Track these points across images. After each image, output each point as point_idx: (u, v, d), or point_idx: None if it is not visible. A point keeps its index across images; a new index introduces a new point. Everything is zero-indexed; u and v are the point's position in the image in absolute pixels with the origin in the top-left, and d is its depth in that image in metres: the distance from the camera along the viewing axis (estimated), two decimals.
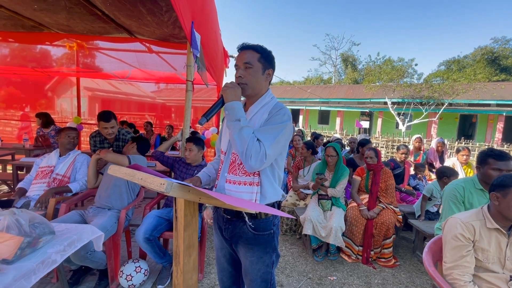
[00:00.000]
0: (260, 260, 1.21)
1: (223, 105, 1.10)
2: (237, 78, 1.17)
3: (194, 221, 0.95)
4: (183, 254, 0.92)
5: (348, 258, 2.69)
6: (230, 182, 1.16)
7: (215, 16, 3.61)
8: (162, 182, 0.70)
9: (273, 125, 1.11)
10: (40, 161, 2.40)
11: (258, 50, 1.17)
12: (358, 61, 29.22)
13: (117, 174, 0.89)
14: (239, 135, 1.05)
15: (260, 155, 1.03)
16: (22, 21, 3.71)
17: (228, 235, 1.23)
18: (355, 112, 18.02)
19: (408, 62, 15.40)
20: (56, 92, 7.09)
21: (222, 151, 1.27)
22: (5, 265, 1.13)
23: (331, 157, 2.88)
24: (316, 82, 31.16)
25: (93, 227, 1.61)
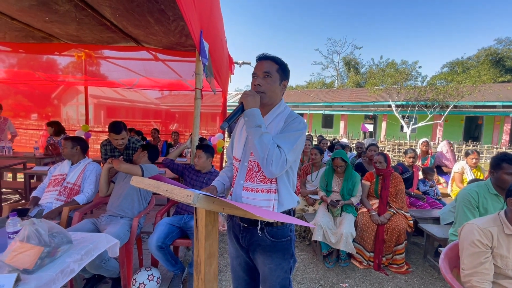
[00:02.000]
0: (278, 267, 1.22)
1: (243, 111, 1.13)
2: (255, 86, 1.19)
3: (214, 231, 0.95)
4: (204, 263, 0.92)
5: (360, 264, 2.66)
6: (248, 189, 1.18)
7: (222, 23, 3.67)
8: (189, 194, 0.71)
9: (291, 132, 1.15)
10: (53, 170, 2.43)
11: (278, 62, 1.21)
12: (360, 65, 29.29)
13: (141, 186, 0.90)
14: (259, 141, 1.07)
15: (281, 161, 1.06)
16: (33, 32, 3.80)
17: (246, 243, 1.24)
18: (359, 116, 17.99)
19: (412, 64, 15.39)
20: (62, 100, 7.20)
21: (236, 158, 1.27)
22: (26, 275, 1.15)
23: (340, 167, 2.86)
24: (318, 86, 31.23)
25: (108, 235, 1.62)
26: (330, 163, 2.94)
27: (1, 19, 3.38)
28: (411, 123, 14.30)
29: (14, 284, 1.06)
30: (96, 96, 7.29)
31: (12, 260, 1.16)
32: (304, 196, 3.38)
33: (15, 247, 1.18)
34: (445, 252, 1.55)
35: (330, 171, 2.95)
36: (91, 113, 7.37)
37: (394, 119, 15.77)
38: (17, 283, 1.08)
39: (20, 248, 1.18)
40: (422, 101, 14.09)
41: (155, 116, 8.14)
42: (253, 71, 1.22)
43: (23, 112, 6.42)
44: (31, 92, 6.11)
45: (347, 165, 2.86)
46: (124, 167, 2.08)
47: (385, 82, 15.20)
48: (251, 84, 1.24)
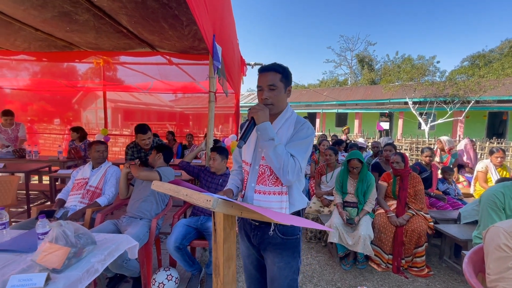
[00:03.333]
0: (287, 266, 1.25)
1: (255, 125, 1.17)
2: (263, 99, 1.23)
3: (232, 234, 0.97)
4: (222, 266, 0.94)
5: (378, 267, 2.61)
6: (260, 192, 1.22)
7: (233, 26, 3.70)
8: (209, 198, 0.73)
9: (301, 140, 1.21)
10: (76, 174, 2.55)
11: (279, 71, 1.24)
12: (375, 61, 28.57)
13: (161, 190, 0.93)
14: (274, 153, 1.12)
15: (297, 169, 1.14)
16: (55, 41, 3.99)
17: (257, 242, 1.28)
18: (374, 114, 17.57)
19: (429, 59, 14.82)
20: (82, 105, 7.50)
21: (247, 162, 1.30)
22: (55, 274, 1.21)
23: (356, 168, 2.79)
24: (331, 84, 30.75)
25: (129, 237, 1.68)
26: (345, 164, 2.89)
27: (26, 30, 3.58)
28: (429, 120, 13.80)
29: (44, 282, 1.13)
30: (114, 100, 7.54)
31: (43, 260, 1.23)
32: (319, 197, 3.35)
33: (45, 248, 1.25)
34: (469, 256, 1.50)
35: (345, 172, 2.89)
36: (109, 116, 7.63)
37: (411, 117, 15.28)
38: (47, 282, 1.14)
39: (49, 249, 1.25)
40: (441, 97, 13.57)
41: (170, 119, 8.30)
42: (258, 84, 1.26)
43: (46, 117, 6.72)
44: (53, 98, 6.40)
45: (362, 166, 2.81)
46: (142, 175, 2.15)
47: (401, 79, 14.74)
48: (257, 97, 1.27)
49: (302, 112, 17.97)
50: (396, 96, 15.55)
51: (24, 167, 3.49)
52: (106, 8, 2.99)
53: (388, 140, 4.61)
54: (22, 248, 1.42)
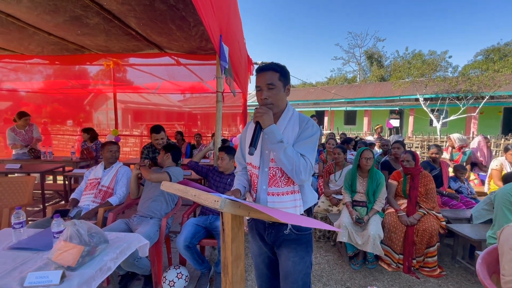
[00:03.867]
0: (302, 260, 1.27)
1: (262, 130, 1.18)
2: (263, 99, 1.23)
3: (240, 234, 0.98)
4: (231, 265, 0.95)
5: (388, 266, 2.58)
6: (273, 194, 1.24)
7: (240, 25, 3.71)
8: (216, 199, 0.74)
9: (308, 138, 1.22)
10: (88, 174, 2.62)
11: (277, 70, 1.23)
12: (384, 57, 28.05)
13: (170, 190, 0.95)
14: (285, 155, 1.13)
15: (308, 168, 1.16)
16: (67, 45, 4.10)
17: (271, 240, 1.29)
18: (383, 111, 17.26)
19: (441, 54, 14.42)
20: (94, 106, 7.66)
21: (254, 165, 1.30)
22: (70, 272, 1.25)
23: (369, 159, 2.73)
24: (340, 81, 30.39)
25: (140, 235, 1.72)
26: (356, 160, 2.84)
27: (39, 35, 3.69)
28: (441, 116, 13.47)
29: (60, 280, 1.17)
30: (124, 101, 7.66)
31: (58, 257, 1.27)
32: (327, 196, 3.32)
33: (60, 246, 1.29)
34: (483, 256, 1.46)
35: (355, 170, 2.86)
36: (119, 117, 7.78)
37: (422, 114, 14.94)
38: (63, 279, 1.18)
39: (64, 247, 1.29)
40: (454, 93, 13.21)
41: (179, 119, 8.37)
42: (256, 84, 1.26)
43: (59, 118, 6.90)
44: (66, 99, 6.56)
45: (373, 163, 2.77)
46: (153, 177, 2.19)
47: (412, 75, 14.42)
48: (257, 98, 1.27)
49: (310, 111, 17.84)
50: (406, 93, 15.24)
51: (39, 168, 3.61)
52: (116, 11, 3.05)
53: (399, 138, 4.53)
54: (39, 246, 1.47)
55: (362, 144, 4.16)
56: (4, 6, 2.92)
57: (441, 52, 14.47)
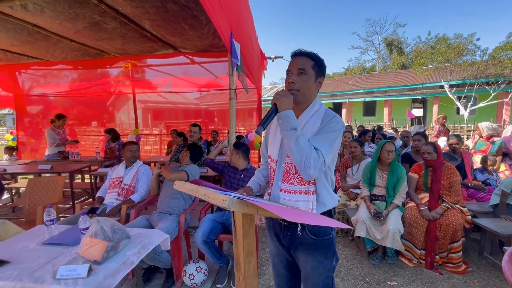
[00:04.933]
0: (321, 265, 1.21)
1: (277, 113, 1.11)
2: (290, 83, 1.16)
3: (251, 230, 1.00)
4: (243, 261, 0.98)
5: (409, 262, 2.51)
6: (285, 191, 1.18)
7: (251, 20, 3.69)
8: (224, 198, 0.76)
9: (328, 133, 1.11)
10: (111, 173, 2.76)
11: (313, 58, 1.16)
12: (405, 44, 26.70)
13: (182, 189, 0.99)
14: (296, 144, 1.04)
15: (320, 164, 1.04)
16: (88, 50, 4.30)
17: (287, 242, 1.24)
18: (405, 100, 16.51)
19: (468, 37, 13.47)
20: (116, 107, 7.98)
21: (273, 159, 1.26)
22: (96, 265, 1.34)
23: (391, 152, 2.63)
24: (358, 71, 29.39)
25: (160, 231, 1.80)
26: (376, 152, 2.74)
27: (63, 42, 3.90)
28: (469, 104, 12.67)
29: (87, 273, 1.26)
30: (143, 101, 7.91)
31: (85, 252, 1.37)
32: (345, 191, 3.27)
33: (86, 242, 1.39)
34: (510, 253, 1.39)
35: (375, 163, 2.77)
36: (140, 117, 8.06)
37: (448, 101, 14.13)
38: (90, 272, 1.27)
39: (90, 243, 1.38)
40: (483, 78, 12.36)
41: (196, 116, 8.50)
42: (287, 68, 1.18)
43: (85, 120, 7.27)
44: (90, 102, 6.89)
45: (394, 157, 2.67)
46: (173, 177, 2.27)
47: (435, 61, 13.65)
48: (285, 82, 1.20)
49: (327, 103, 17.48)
50: (430, 80, 14.47)
51: (67, 168, 3.86)
52: (131, 15, 3.15)
53: (419, 129, 4.34)
54: (68, 242, 1.59)
55: (381, 136, 4.02)
56: (30, 17, 3.10)
57: (468, 35, 13.53)
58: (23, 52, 4.37)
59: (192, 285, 2.13)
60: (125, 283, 2.22)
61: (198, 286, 2.15)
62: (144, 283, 2.19)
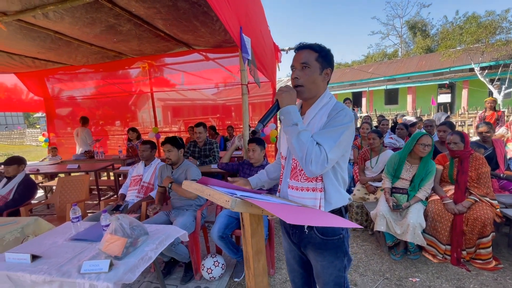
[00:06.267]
0: (331, 265, 1.18)
1: (279, 109, 1.08)
2: (293, 79, 1.13)
3: (260, 229, 1.00)
4: (252, 259, 0.98)
5: (433, 258, 2.40)
6: (293, 188, 1.16)
7: (262, 13, 3.63)
8: (227, 199, 0.76)
9: (333, 127, 1.05)
10: (132, 171, 2.88)
11: (316, 49, 1.11)
12: (429, 26, 25.08)
13: (190, 189, 1.01)
14: (297, 140, 1.01)
15: (321, 160, 0.99)
16: (107, 53, 4.47)
17: (296, 240, 1.23)
18: (430, 86, 15.59)
19: (501, 14, 12.37)
20: (138, 106, 8.26)
21: (282, 156, 1.26)
22: (117, 261, 1.42)
23: (427, 146, 2.41)
24: (379, 58, 28.11)
25: (176, 227, 1.86)
26: (409, 146, 2.54)
27: (83, 46, 4.07)
28: (503, 87, 11.72)
29: (109, 268, 1.33)
30: (163, 99, 8.10)
31: (106, 248, 1.44)
32: (363, 184, 3.18)
33: (107, 238, 1.46)
34: None
35: (405, 155, 2.57)
36: (161, 115, 8.29)
37: (478, 85, 13.16)
38: (111, 267, 1.35)
39: (111, 239, 1.46)
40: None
41: (213, 112, 8.57)
42: (291, 63, 1.15)
43: (110, 119, 7.61)
44: (113, 102, 7.18)
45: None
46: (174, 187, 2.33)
47: (464, 42, 12.74)
48: (290, 78, 1.17)
49: (346, 93, 16.96)
50: (458, 63, 13.55)
51: (93, 167, 4.08)
52: (144, 16, 3.21)
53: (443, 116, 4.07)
54: (92, 238, 1.69)
55: (403, 126, 3.83)
56: (52, 25, 3.27)
57: (501, 12, 12.41)
58: (49, 58, 4.63)
59: (210, 279, 2.19)
60: (147, 276, 2.33)
61: (216, 280, 2.21)
62: (164, 276, 2.29)
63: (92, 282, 1.28)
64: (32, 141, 17.96)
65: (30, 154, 12.88)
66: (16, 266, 1.42)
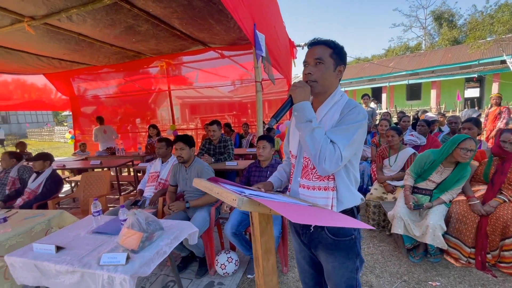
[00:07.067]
0: (343, 266, 1.16)
1: (292, 105, 1.07)
2: (306, 75, 1.11)
3: (269, 228, 1.00)
4: (261, 258, 0.98)
5: (456, 261, 2.28)
6: (304, 187, 1.14)
7: (276, 9, 3.59)
8: (234, 198, 0.76)
9: (347, 125, 1.04)
10: (150, 167, 2.97)
11: (331, 45, 1.09)
12: (457, 16, 23.63)
13: (199, 187, 1.02)
14: (311, 137, 0.99)
15: (335, 158, 0.97)
16: (127, 53, 4.62)
17: (307, 240, 1.21)
18: (457, 80, 14.72)
19: None
20: (157, 104, 8.50)
21: (292, 154, 1.24)
22: (133, 254, 1.47)
23: (470, 151, 2.16)
24: (400, 51, 26.93)
25: (191, 223, 1.90)
26: (447, 149, 2.30)
27: (105, 47, 4.24)
28: None
29: (125, 261, 1.39)
30: (181, 97, 8.26)
31: (123, 242, 1.50)
32: (381, 183, 3.07)
33: (124, 232, 1.52)
34: None
35: (441, 159, 2.32)
36: (179, 112, 8.46)
37: (511, 78, 12.27)
38: (128, 260, 1.40)
39: (128, 233, 1.51)
40: None
41: (230, 109, 8.62)
42: (304, 59, 1.13)
43: (132, 117, 7.88)
44: (134, 100, 7.44)
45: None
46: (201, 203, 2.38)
47: (495, 32, 11.90)
48: (302, 74, 1.15)
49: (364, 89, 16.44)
50: (488, 55, 12.70)
51: (114, 163, 4.26)
52: (161, 15, 3.29)
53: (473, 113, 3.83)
54: (112, 231, 1.76)
55: (424, 122, 3.63)
56: (75, 27, 3.42)
57: None
58: (74, 59, 4.87)
59: (224, 274, 2.22)
60: (164, 269, 2.40)
61: (229, 276, 2.24)
62: (180, 270, 2.36)
63: (110, 274, 1.34)
64: (60, 138, 19.03)
65: (58, 150, 13.67)
66: (43, 256, 1.52)
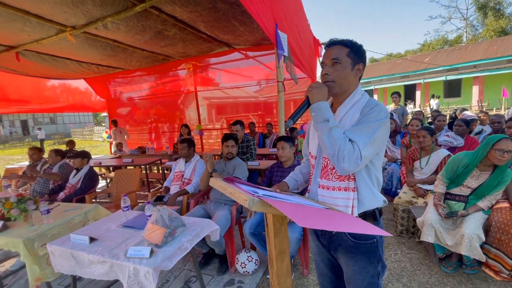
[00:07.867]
0: (363, 270, 1.12)
1: (309, 106, 1.07)
2: (324, 76, 1.10)
3: (283, 229, 1.00)
4: (275, 259, 0.98)
5: (496, 274, 2.08)
6: (323, 187, 1.12)
7: (299, 7, 3.54)
8: (245, 198, 0.77)
9: (367, 123, 1.01)
10: (175, 166, 3.11)
11: (347, 45, 1.08)
12: (504, 4, 21.41)
13: (215, 186, 1.05)
14: (328, 137, 0.98)
15: (354, 157, 0.95)
16: (156, 57, 4.87)
17: (326, 242, 1.19)
18: (504, 75, 13.32)
19: None
20: (185, 105, 8.82)
21: (312, 155, 1.22)
22: (157, 248, 1.55)
23: (507, 152, 1.96)
24: (438, 45, 25.08)
25: (211, 221, 1.96)
26: (481, 151, 2.10)
27: (137, 52, 4.50)
28: None
29: (149, 254, 1.47)
30: (207, 97, 8.48)
31: (148, 236, 1.59)
32: (411, 186, 2.90)
33: (149, 227, 1.61)
34: None
35: (476, 162, 2.13)
36: (205, 113, 8.70)
37: None
38: (151, 254, 1.48)
39: (152, 228, 1.60)
40: None
41: (255, 109, 8.67)
42: (321, 60, 1.13)
43: (163, 118, 8.27)
44: (164, 102, 7.80)
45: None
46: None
47: None
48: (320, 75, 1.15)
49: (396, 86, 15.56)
50: None
51: (143, 161, 4.51)
52: (187, 20, 3.41)
53: None
54: (139, 226, 1.87)
55: (462, 122, 3.35)
56: (110, 34, 3.68)
57: None
58: (109, 64, 5.24)
59: (244, 273, 2.25)
60: (187, 264, 2.50)
61: (249, 274, 2.26)
62: (202, 266, 2.43)
63: (136, 266, 1.43)
64: (99, 137, 20.58)
65: (97, 148, 14.78)
66: (78, 245, 1.66)
